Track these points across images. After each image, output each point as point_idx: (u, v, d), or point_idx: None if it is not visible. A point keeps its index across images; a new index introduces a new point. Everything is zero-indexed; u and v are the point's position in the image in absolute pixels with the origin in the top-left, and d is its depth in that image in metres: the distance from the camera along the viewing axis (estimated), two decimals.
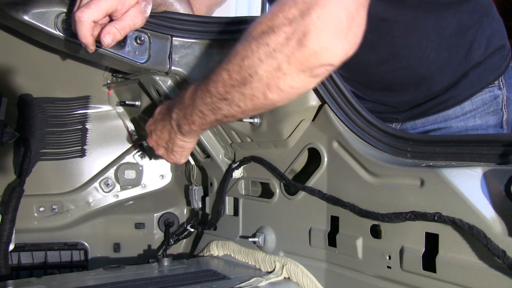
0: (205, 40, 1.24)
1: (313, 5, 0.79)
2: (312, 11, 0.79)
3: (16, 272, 1.48)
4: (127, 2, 1.04)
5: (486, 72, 1.28)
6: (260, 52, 0.84)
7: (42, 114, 1.52)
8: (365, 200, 0.97)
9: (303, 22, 0.79)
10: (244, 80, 0.88)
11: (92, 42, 1.03)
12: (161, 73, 1.27)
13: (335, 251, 1.05)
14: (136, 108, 1.52)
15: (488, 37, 1.28)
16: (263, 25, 0.85)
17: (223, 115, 0.98)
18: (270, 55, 0.83)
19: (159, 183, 1.68)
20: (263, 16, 0.86)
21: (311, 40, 0.79)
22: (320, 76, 0.86)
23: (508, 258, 0.72)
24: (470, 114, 1.30)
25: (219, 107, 0.96)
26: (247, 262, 1.30)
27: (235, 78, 0.89)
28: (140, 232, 1.66)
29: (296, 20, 0.80)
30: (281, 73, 0.84)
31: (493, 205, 0.76)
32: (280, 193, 1.21)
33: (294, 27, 0.80)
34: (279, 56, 0.83)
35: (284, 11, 0.81)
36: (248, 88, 0.89)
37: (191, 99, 1.02)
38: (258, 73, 0.86)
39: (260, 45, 0.84)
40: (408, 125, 1.37)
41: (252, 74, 0.86)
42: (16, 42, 1.44)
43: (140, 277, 1.21)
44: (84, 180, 1.60)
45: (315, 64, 0.82)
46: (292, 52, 0.81)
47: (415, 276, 0.88)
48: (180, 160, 1.23)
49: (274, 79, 0.85)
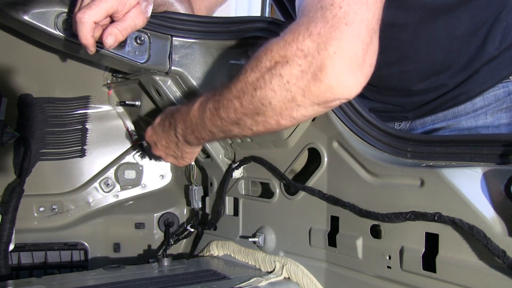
0: (205, 40, 1.24)
1: (329, 39, 0.78)
2: (328, 45, 0.78)
3: (16, 272, 1.48)
4: (128, 3, 1.03)
5: (500, 67, 1.21)
6: (274, 84, 0.84)
7: (42, 114, 1.52)
8: (365, 200, 0.97)
9: (319, 57, 0.79)
10: (257, 109, 0.88)
11: (92, 43, 1.03)
12: (161, 73, 1.27)
13: (335, 251, 1.05)
14: (136, 108, 1.52)
15: (504, 29, 1.21)
16: (275, 54, 0.83)
17: (234, 135, 1.00)
18: (284, 87, 0.83)
19: (159, 183, 1.68)
20: (274, 43, 0.84)
21: (327, 76, 0.79)
22: (333, 106, 0.87)
23: (508, 258, 0.72)
24: (481, 110, 1.25)
25: (231, 130, 0.97)
26: (247, 262, 1.30)
27: (247, 106, 0.89)
28: (140, 232, 1.66)
29: (312, 53, 0.79)
30: (295, 104, 0.84)
31: (493, 205, 0.76)
32: (280, 193, 1.21)
33: (310, 60, 0.79)
34: (294, 88, 0.82)
35: (298, 41, 0.80)
36: (261, 116, 0.89)
37: (199, 119, 1.02)
38: (272, 104, 0.86)
39: (274, 76, 0.83)
40: (418, 123, 1.33)
41: (265, 104, 0.87)
42: (16, 42, 1.44)
43: (140, 277, 1.21)
44: (84, 180, 1.60)
45: (330, 98, 0.82)
46: (307, 86, 0.81)
47: (415, 276, 0.88)
48: (190, 162, 1.29)
49: (287, 110, 0.86)
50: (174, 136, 1.16)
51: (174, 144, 1.19)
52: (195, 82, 1.28)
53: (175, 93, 1.33)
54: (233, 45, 1.23)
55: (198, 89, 1.28)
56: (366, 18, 0.80)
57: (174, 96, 1.33)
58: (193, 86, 1.28)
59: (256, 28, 1.15)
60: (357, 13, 0.79)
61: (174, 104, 1.33)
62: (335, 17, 0.78)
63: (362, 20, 0.79)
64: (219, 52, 1.25)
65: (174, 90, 1.33)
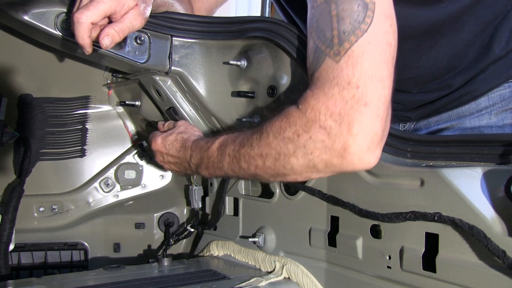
0: (205, 40, 1.24)
1: (350, 121, 0.82)
2: (350, 127, 0.82)
3: (16, 272, 1.48)
4: (126, 4, 1.04)
5: (507, 66, 1.19)
6: (297, 153, 0.88)
7: (42, 114, 1.52)
8: (365, 200, 0.97)
9: (341, 137, 0.83)
10: (278, 171, 0.94)
11: (89, 44, 1.04)
12: (161, 73, 1.27)
13: (335, 251, 1.05)
14: (136, 108, 1.52)
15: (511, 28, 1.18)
16: (299, 129, 0.87)
17: (249, 179, 1.09)
18: (307, 157, 0.88)
19: (159, 183, 1.68)
20: (297, 117, 0.88)
21: (350, 154, 0.84)
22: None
23: (508, 258, 0.72)
24: (486, 111, 1.23)
25: (247, 178, 1.05)
26: (247, 262, 1.30)
27: (269, 166, 0.94)
28: (140, 232, 1.66)
29: (334, 133, 0.83)
30: (316, 170, 0.89)
31: (493, 205, 0.76)
32: (280, 193, 1.21)
33: (333, 139, 0.84)
34: (317, 160, 0.87)
35: (320, 120, 0.84)
36: (280, 176, 0.95)
37: (216, 161, 1.06)
38: (294, 168, 0.91)
39: (298, 148, 0.88)
40: (422, 124, 1.31)
41: (287, 168, 0.91)
42: (16, 42, 1.44)
43: (140, 277, 1.21)
44: (84, 180, 1.60)
45: (349, 169, 0.87)
46: (330, 159, 0.86)
47: (415, 276, 0.88)
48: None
49: (307, 172, 0.91)
50: (186, 163, 1.19)
51: (183, 166, 1.22)
52: (195, 82, 1.28)
53: (175, 93, 1.33)
54: (233, 45, 1.23)
55: (198, 89, 1.28)
56: (382, 95, 0.83)
57: (174, 96, 1.33)
58: (193, 86, 1.28)
59: (256, 28, 1.15)
60: (374, 92, 0.82)
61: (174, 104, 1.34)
62: (353, 97, 0.82)
63: (379, 98, 0.83)
64: (219, 52, 1.25)
65: (174, 90, 1.32)
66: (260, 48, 1.17)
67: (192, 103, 1.34)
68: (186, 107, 1.35)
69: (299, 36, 1.08)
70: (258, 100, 1.20)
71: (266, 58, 1.16)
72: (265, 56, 1.16)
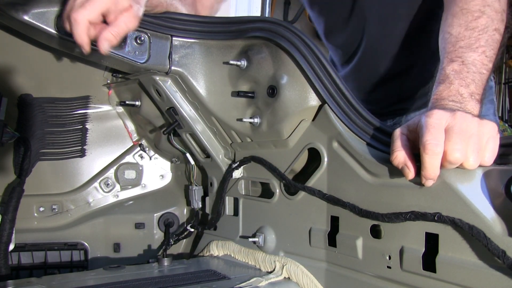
0: (205, 40, 1.24)
1: None
2: None
3: (16, 272, 1.48)
4: (120, 3, 1.05)
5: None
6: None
7: (42, 114, 1.52)
8: (365, 200, 0.97)
9: None
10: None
11: (88, 42, 1.05)
12: (161, 73, 1.27)
13: (335, 251, 1.05)
14: (136, 108, 1.52)
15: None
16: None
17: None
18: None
19: (159, 183, 1.68)
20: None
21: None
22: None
23: (508, 258, 0.72)
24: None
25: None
26: (247, 262, 1.30)
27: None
28: (140, 232, 1.66)
29: None
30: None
31: (493, 205, 0.76)
32: (280, 193, 1.21)
33: None
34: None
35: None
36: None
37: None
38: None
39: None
40: (414, 115, 1.38)
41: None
42: (16, 42, 1.44)
43: (140, 277, 1.21)
44: (84, 180, 1.60)
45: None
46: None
47: (415, 276, 0.88)
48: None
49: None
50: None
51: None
52: (195, 82, 1.28)
53: (175, 93, 1.33)
54: (233, 45, 1.23)
55: (198, 89, 1.28)
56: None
57: (174, 96, 1.33)
58: (193, 86, 1.28)
59: (256, 28, 1.15)
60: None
61: (174, 104, 1.34)
62: None
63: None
64: (219, 52, 1.25)
65: (174, 90, 1.32)
66: (260, 48, 1.17)
67: (192, 103, 1.34)
68: (186, 107, 1.35)
69: (299, 36, 1.08)
70: (258, 100, 1.20)
71: (266, 58, 1.16)
72: (265, 56, 1.16)
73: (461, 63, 0.95)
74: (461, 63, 0.95)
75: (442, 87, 0.93)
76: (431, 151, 0.77)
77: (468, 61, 0.95)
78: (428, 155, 0.78)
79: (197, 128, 1.37)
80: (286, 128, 1.16)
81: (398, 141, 0.84)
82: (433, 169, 0.79)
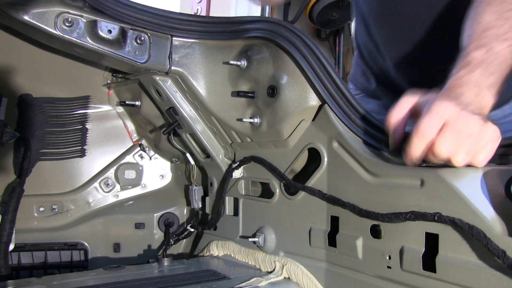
0: (205, 40, 1.24)
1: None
2: None
3: (16, 272, 1.48)
4: None
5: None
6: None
7: (42, 114, 1.52)
8: (365, 200, 0.97)
9: None
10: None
11: None
12: (161, 73, 1.27)
13: (335, 251, 1.05)
14: (136, 108, 1.52)
15: None
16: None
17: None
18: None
19: (159, 183, 1.68)
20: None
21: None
22: None
23: (508, 258, 0.72)
24: (510, 118, 1.26)
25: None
26: (247, 262, 1.30)
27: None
28: (140, 232, 1.66)
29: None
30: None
31: (493, 205, 0.76)
32: (280, 193, 1.21)
33: None
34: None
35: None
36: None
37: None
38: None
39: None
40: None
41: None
42: (16, 42, 1.44)
43: (140, 277, 1.21)
44: (84, 180, 1.60)
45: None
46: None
47: (415, 276, 0.87)
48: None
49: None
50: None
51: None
52: (195, 82, 1.28)
53: (175, 93, 1.33)
54: (233, 45, 1.23)
55: (198, 89, 1.28)
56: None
57: (174, 96, 1.33)
58: (193, 86, 1.28)
59: (256, 28, 1.15)
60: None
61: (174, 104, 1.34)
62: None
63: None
64: (219, 52, 1.25)
65: (174, 90, 1.33)
66: (260, 48, 1.17)
67: (192, 103, 1.34)
68: (186, 107, 1.35)
69: (299, 36, 1.08)
70: (258, 100, 1.20)
71: (266, 58, 1.16)
72: (265, 56, 1.16)
73: (487, 51, 0.92)
74: (487, 51, 0.92)
75: (463, 72, 0.90)
76: (420, 134, 0.80)
77: (494, 51, 0.92)
78: (416, 136, 0.80)
79: (197, 128, 1.37)
80: (286, 128, 1.16)
81: (403, 105, 0.87)
82: (415, 150, 0.81)
